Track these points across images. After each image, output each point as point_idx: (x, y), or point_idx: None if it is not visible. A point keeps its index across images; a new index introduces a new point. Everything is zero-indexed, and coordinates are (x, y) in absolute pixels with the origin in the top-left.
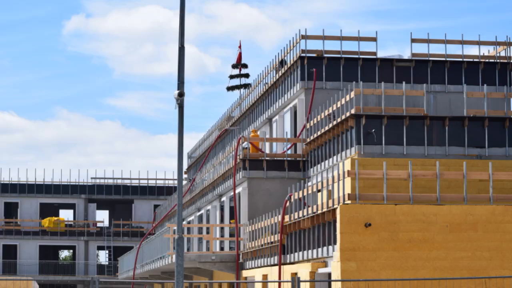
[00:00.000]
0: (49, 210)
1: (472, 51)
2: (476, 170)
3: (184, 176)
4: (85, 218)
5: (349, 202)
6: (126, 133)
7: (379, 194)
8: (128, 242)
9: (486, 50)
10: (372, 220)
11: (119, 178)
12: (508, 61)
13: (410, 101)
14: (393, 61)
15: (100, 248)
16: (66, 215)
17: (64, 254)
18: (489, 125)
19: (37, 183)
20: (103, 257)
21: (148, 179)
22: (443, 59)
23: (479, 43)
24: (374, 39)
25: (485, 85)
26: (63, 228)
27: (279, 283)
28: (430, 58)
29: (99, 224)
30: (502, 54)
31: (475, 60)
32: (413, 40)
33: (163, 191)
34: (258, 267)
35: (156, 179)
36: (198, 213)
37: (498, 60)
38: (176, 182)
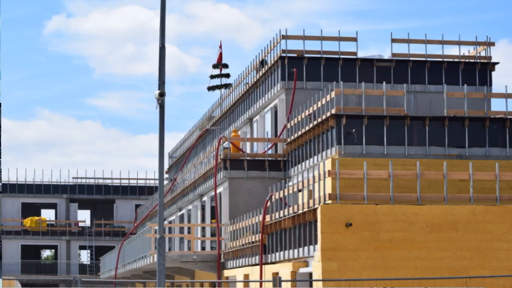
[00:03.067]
0: (30, 210)
1: (452, 51)
2: (457, 170)
3: (165, 176)
4: (67, 218)
5: (329, 202)
6: (107, 133)
7: (360, 194)
8: (109, 242)
9: (466, 50)
10: (353, 220)
11: (100, 178)
12: (488, 61)
13: (391, 101)
14: (374, 61)
15: (82, 247)
16: (47, 214)
17: (46, 253)
18: (469, 125)
19: (18, 182)
20: (85, 256)
21: (129, 178)
22: (423, 59)
23: (459, 43)
24: (354, 39)
25: (465, 85)
26: (45, 227)
27: (261, 282)
28: (410, 58)
29: (80, 224)
30: (482, 54)
31: (455, 60)
32: (394, 40)
33: (144, 191)
34: (240, 266)
35: (137, 179)
36: (179, 213)
37: (478, 60)
38: (157, 182)
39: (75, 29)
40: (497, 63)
